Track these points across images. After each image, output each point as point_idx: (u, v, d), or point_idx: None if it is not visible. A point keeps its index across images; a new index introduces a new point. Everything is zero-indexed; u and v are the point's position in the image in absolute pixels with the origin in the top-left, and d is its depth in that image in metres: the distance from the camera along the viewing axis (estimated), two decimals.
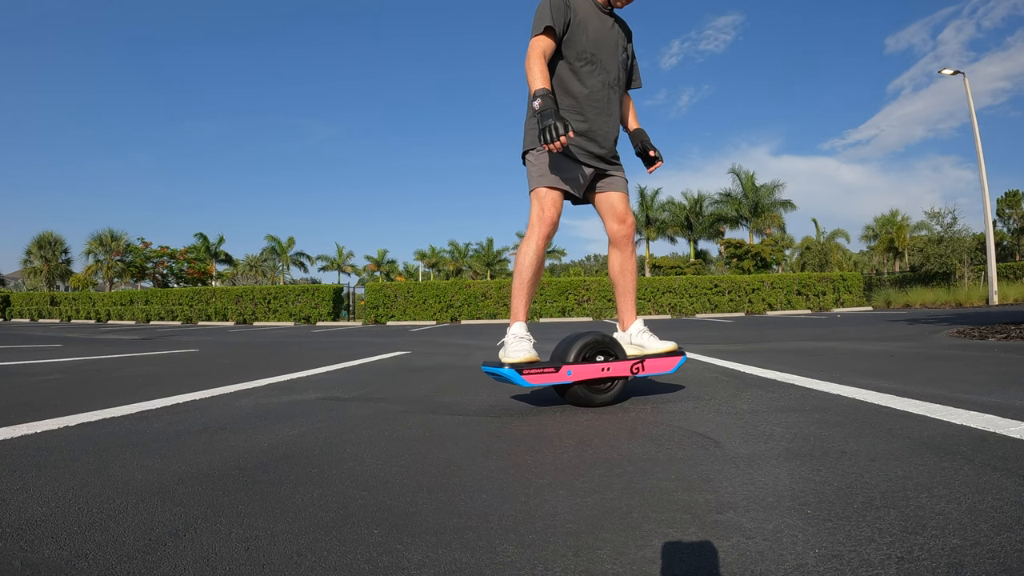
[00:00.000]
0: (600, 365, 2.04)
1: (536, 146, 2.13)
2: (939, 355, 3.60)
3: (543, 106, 1.92)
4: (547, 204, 2.10)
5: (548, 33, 2.07)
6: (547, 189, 2.10)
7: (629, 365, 2.09)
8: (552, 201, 2.10)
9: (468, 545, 0.87)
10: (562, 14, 2.08)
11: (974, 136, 17.46)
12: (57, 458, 1.43)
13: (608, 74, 2.17)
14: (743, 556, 0.81)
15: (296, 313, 20.85)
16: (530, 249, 2.09)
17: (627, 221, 2.26)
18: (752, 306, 19.54)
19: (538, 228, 2.08)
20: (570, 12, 2.10)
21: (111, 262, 36.74)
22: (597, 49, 2.14)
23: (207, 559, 0.83)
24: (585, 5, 2.15)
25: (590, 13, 2.15)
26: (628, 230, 2.27)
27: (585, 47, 2.13)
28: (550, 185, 2.10)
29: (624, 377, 2.10)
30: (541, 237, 2.09)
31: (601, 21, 2.17)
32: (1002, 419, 1.58)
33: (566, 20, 2.09)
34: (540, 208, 2.10)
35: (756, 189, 34.32)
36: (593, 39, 2.13)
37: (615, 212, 2.25)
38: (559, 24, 2.07)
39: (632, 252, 2.33)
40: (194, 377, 3.35)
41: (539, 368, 1.93)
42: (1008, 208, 41.93)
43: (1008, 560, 0.76)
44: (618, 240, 2.28)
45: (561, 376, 1.96)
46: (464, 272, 47.69)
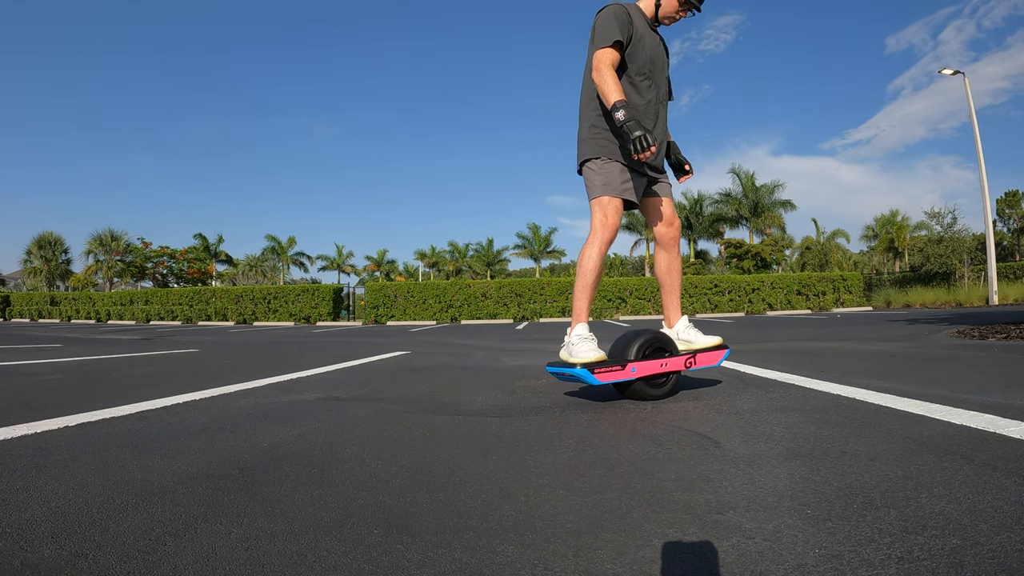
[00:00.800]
0: (659, 361, 2.15)
1: (598, 155, 2.22)
2: (939, 355, 3.60)
3: (627, 117, 2.01)
4: (610, 211, 2.18)
5: (616, 46, 2.15)
6: (610, 197, 2.19)
7: (683, 360, 2.23)
8: (615, 208, 2.20)
9: (468, 545, 0.87)
10: (627, 29, 2.17)
11: (974, 136, 17.46)
12: (57, 458, 1.43)
13: (659, 89, 2.29)
14: (743, 556, 0.80)
15: (296, 313, 20.84)
16: (594, 253, 2.18)
17: (675, 224, 2.39)
18: (752, 306, 19.54)
19: (601, 234, 2.18)
20: (632, 27, 2.20)
21: (111, 262, 36.73)
22: (652, 65, 2.25)
23: (207, 559, 0.83)
24: (641, 21, 2.25)
25: (645, 29, 2.26)
26: (676, 233, 2.40)
27: (644, 62, 2.23)
28: (613, 194, 2.19)
29: (677, 372, 2.21)
30: (604, 242, 2.18)
31: (652, 37, 2.28)
32: (1002, 419, 1.58)
33: (629, 34, 2.19)
34: (604, 215, 2.18)
35: (756, 189, 34.30)
36: (649, 55, 2.24)
37: (664, 216, 2.37)
38: (624, 38, 2.16)
39: (678, 253, 2.44)
40: (194, 377, 3.35)
41: (608, 367, 2.02)
42: (1008, 208, 41.92)
43: (1008, 560, 0.76)
44: (666, 242, 2.40)
45: (626, 373, 2.06)
46: (464, 272, 47.68)
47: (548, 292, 19.68)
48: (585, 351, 2.03)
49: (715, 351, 2.35)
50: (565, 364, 2.07)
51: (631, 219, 38.26)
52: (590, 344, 2.07)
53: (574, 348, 2.07)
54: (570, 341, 2.11)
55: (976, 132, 17.44)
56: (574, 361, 2.02)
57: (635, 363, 2.08)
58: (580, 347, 2.06)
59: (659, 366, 2.15)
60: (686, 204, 37.52)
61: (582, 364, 1.99)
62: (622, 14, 2.17)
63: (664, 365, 2.17)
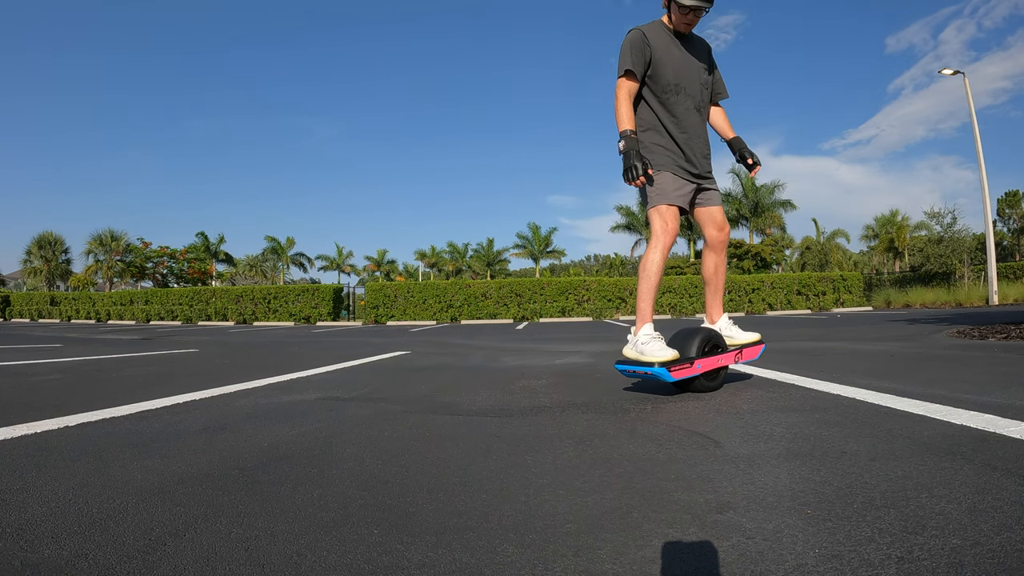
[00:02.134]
0: (717, 357, 2.32)
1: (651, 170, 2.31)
2: (939, 355, 3.59)
3: (626, 147, 2.18)
4: (669, 218, 2.30)
5: (629, 76, 2.28)
6: (667, 206, 2.30)
7: (733, 355, 2.41)
8: (673, 215, 2.32)
9: (468, 545, 0.87)
10: (642, 55, 2.28)
11: (974, 136, 17.46)
12: (57, 458, 1.43)
13: (693, 98, 2.37)
14: (743, 556, 0.80)
15: (296, 313, 20.84)
16: (656, 257, 2.29)
17: (725, 229, 2.51)
18: (752, 306, 19.53)
19: (663, 239, 2.29)
20: (649, 50, 2.29)
21: (111, 262, 36.72)
22: (680, 79, 2.33)
23: (207, 559, 0.83)
24: (663, 38, 2.33)
25: (668, 44, 2.33)
26: (725, 237, 2.52)
27: (669, 80, 2.32)
28: (669, 202, 2.30)
29: (726, 365, 2.38)
30: (666, 247, 2.31)
31: (679, 50, 2.35)
32: (1002, 419, 1.58)
33: (647, 59, 2.29)
34: (664, 222, 2.30)
35: (756, 189, 34.29)
36: (675, 70, 2.32)
37: (715, 221, 2.48)
38: (639, 65, 2.28)
39: (725, 256, 2.57)
40: (194, 377, 3.35)
41: (680, 364, 2.14)
42: (1008, 208, 41.90)
43: (1008, 560, 0.76)
44: (716, 245, 2.52)
45: (694, 369, 2.20)
46: (464, 272, 47.67)
47: (548, 292, 19.67)
48: (659, 350, 2.14)
49: (755, 346, 2.53)
50: (638, 362, 2.17)
51: (631, 219, 38.27)
52: (661, 343, 2.18)
53: (645, 347, 2.17)
54: (639, 340, 2.21)
55: (976, 132, 17.43)
56: (650, 360, 2.12)
57: (700, 360, 2.22)
58: (652, 346, 2.16)
59: (717, 362, 2.32)
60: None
61: (660, 363, 2.10)
62: (637, 40, 2.28)
63: (720, 361, 2.34)
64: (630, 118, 2.25)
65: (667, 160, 2.32)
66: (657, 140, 2.35)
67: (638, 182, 2.16)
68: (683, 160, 2.35)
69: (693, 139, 2.37)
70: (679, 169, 2.34)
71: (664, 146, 2.34)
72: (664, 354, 2.13)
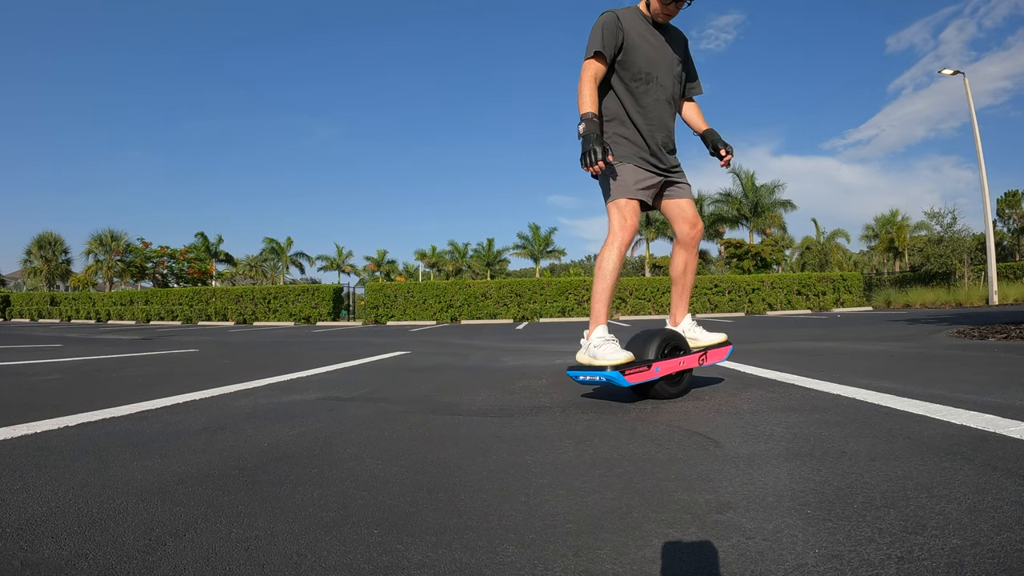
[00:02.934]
0: (678, 360, 2.19)
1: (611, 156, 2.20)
2: (939, 355, 3.59)
3: (586, 130, 2.04)
4: (628, 213, 2.18)
5: (598, 57, 2.15)
6: (627, 200, 2.19)
7: (697, 357, 2.29)
8: (632, 210, 2.20)
9: (468, 545, 0.87)
10: (613, 37, 2.16)
11: (974, 136, 17.46)
12: (57, 458, 1.43)
13: (665, 89, 2.26)
14: (743, 556, 0.80)
15: (296, 313, 20.84)
16: (613, 255, 2.17)
17: (697, 225, 2.39)
18: (752, 306, 19.53)
19: (621, 235, 2.17)
20: (622, 34, 2.17)
21: (111, 262, 36.71)
22: (652, 68, 2.22)
23: (207, 559, 0.83)
24: (637, 24, 2.22)
25: (643, 32, 2.22)
26: (698, 234, 2.40)
27: (640, 67, 2.20)
28: (628, 195, 2.19)
29: (691, 369, 2.26)
30: (624, 244, 2.18)
31: (654, 38, 2.24)
32: (1002, 419, 1.58)
33: (618, 43, 2.17)
34: (622, 217, 2.18)
35: (756, 189, 34.28)
36: (647, 58, 2.21)
37: (686, 216, 2.36)
38: (609, 48, 2.15)
39: (696, 254, 2.45)
40: (194, 377, 3.35)
41: (636, 368, 2.00)
42: (1008, 208, 41.89)
43: (1008, 560, 0.76)
44: (687, 242, 2.40)
45: (651, 373, 2.06)
46: (464, 272, 47.66)
47: (548, 292, 19.67)
48: (612, 353, 2.00)
49: (721, 348, 2.41)
50: (591, 367, 2.02)
51: None
52: (615, 346, 2.04)
53: (598, 351, 2.02)
54: (591, 343, 2.07)
55: (976, 132, 17.43)
56: (602, 363, 1.98)
57: (659, 363, 2.10)
58: (605, 349, 2.02)
59: (678, 364, 2.19)
60: None
61: (613, 366, 1.97)
62: (610, 22, 2.17)
63: (682, 363, 2.21)
64: (593, 101, 2.11)
65: (630, 152, 2.21)
66: (621, 131, 2.23)
67: (596, 168, 2.01)
68: (647, 153, 2.23)
69: (658, 130, 2.25)
70: (642, 161, 2.23)
71: (628, 137, 2.22)
72: (618, 357, 1.98)
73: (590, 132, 2.03)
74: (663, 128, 2.27)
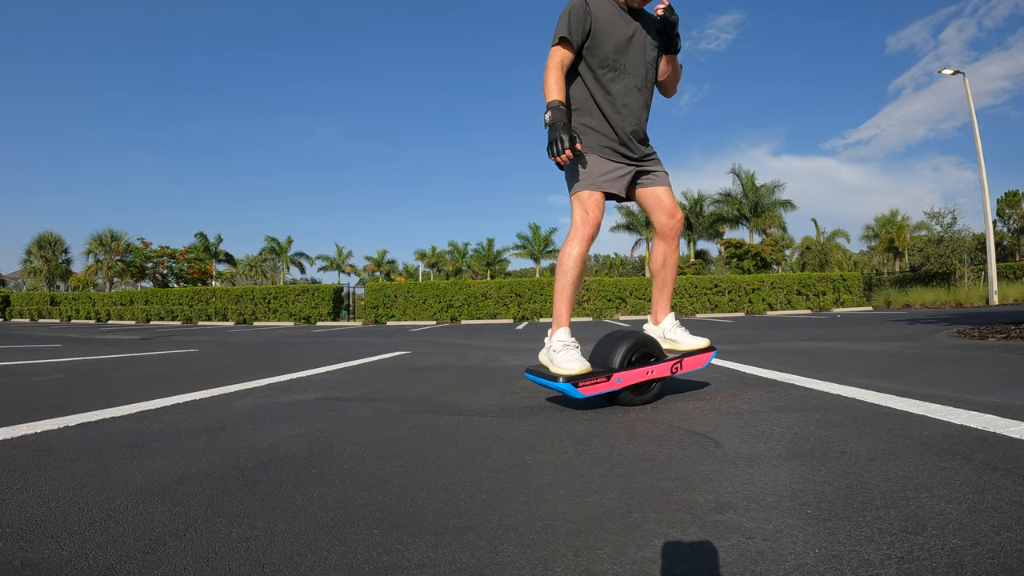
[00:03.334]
0: (645, 369, 2.03)
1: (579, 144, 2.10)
2: (939, 355, 3.60)
3: (552, 119, 1.94)
4: (591, 206, 2.07)
5: (564, 44, 2.05)
6: (590, 192, 2.08)
7: (670, 365, 2.11)
8: (596, 203, 2.08)
9: (468, 545, 0.87)
10: (581, 23, 2.06)
11: (974, 136, 17.46)
12: (57, 458, 1.43)
13: (635, 77, 2.15)
14: (743, 556, 0.80)
15: (296, 313, 20.84)
16: (575, 251, 2.05)
17: (676, 216, 2.26)
18: (752, 306, 19.53)
19: (583, 230, 2.06)
20: (591, 19, 2.08)
21: (111, 262, 36.72)
22: (620, 55, 2.12)
23: (207, 559, 0.83)
24: (607, 9, 2.12)
25: (612, 17, 2.12)
26: (677, 224, 2.26)
27: (608, 54, 2.10)
28: (592, 187, 2.08)
29: (662, 378, 2.10)
30: (586, 239, 2.07)
31: (626, 24, 2.13)
32: (1002, 419, 1.58)
33: (586, 29, 2.08)
34: (584, 210, 2.07)
35: (756, 189, 34.30)
36: (616, 45, 2.11)
37: (663, 207, 2.24)
38: (576, 34, 2.06)
39: (677, 247, 2.32)
40: (194, 377, 3.35)
41: (593, 379, 1.87)
42: (1008, 208, 41.89)
43: (1008, 560, 0.76)
44: (666, 233, 2.27)
45: (612, 384, 1.92)
46: (464, 272, 47.67)
47: (548, 292, 19.66)
48: (569, 361, 1.89)
49: (702, 354, 2.23)
50: (547, 373, 1.92)
51: (631, 219, 38.25)
52: (573, 353, 1.93)
53: (556, 356, 1.93)
54: (551, 347, 1.98)
55: (976, 132, 17.44)
56: (557, 372, 1.88)
57: (621, 372, 1.94)
58: (563, 356, 1.92)
59: (645, 374, 2.02)
60: (686, 204, 37.51)
61: (566, 377, 1.85)
62: (578, 7, 2.06)
63: (650, 372, 2.04)
64: (560, 89, 2.01)
65: (595, 142, 2.10)
66: (587, 121, 2.13)
67: (562, 157, 1.90)
68: (616, 143, 2.13)
69: (628, 120, 2.13)
70: (610, 152, 2.12)
71: (595, 128, 2.12)
72: (571, 367, 1.86)
73: (556, 120, 1.94)
74: (633, 117, 2.16)
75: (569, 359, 1.90)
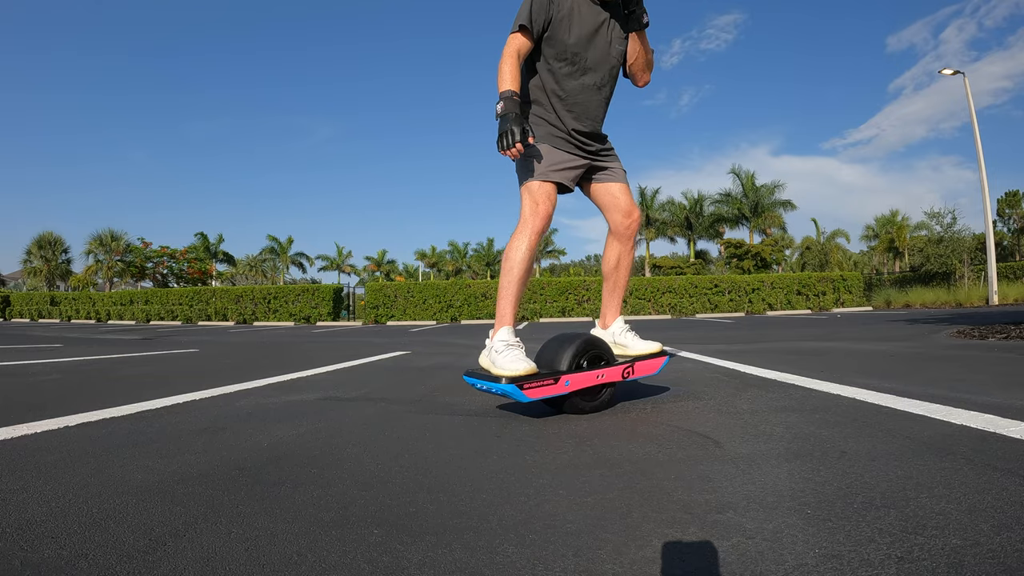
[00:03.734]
0: (595, 372, 1.91)
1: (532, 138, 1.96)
2: (939, 355, 3.59)
3: (504, 109, 1.82)
4: (540, 197, 1.96)
5: (523, 32, 1.94)
6: (540, 182, 1.98)
7: (621, 370, 1.99)
8: (546, 194, 1.97)
9: (468, 545, 0.87)
10: (543, 11, 1.94)
11: (974, 136, 17.46)
12: (57, 458, 1.43)
13: (594, 74, 2.03)
14: (743, 556, 0.80)
15: (296, 313, 20.84)
16: (522, 245, 1.94)
17: (633, 215, 2.15)
18: (752, 306, 19.53)
19: (532, 223, 1.95)
20: (553, 8, 1.95)
21: (111, 262, 36.73)
22: (581, 49, 1.99)
23: (207, 559, 0.83)
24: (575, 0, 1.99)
25: (580, 7, 1.98)
26: (634, 224, 2.16)
27: (567, 47, 1.98)
28: (541, 178, 1.98)
29: (612, 383, 1.99)
30: (535, 232, 1.96)
31: (593, 15, 2.00)
32: (1002, 419, 1.58)
33: (547, 17, 1.95)
34: (534, 202, 1.97)
35: (756, 189, 34.31)
36: (577, 39, 1.98)
37: (618, 205, 2.14)
38: (537, 23, 1.94)
39: (632, 248, 2.21)
40: (194, 377, 3.35)
41: (538, 381, 1.76)
42: (1008, 208, 41.88)
43: (1008, 560, 0.76)
44: (621, 232, 2.17)
45: (559, 388, 1.81)
46: (464, 272, 47.67)
47: (548, 292, 19.67)
48: (512, 362, 1.77)
49: (654, 359, 2.11)
50: (488, 375, 1.80)
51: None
52: (516, 353, 1.81)
53: (498, 357, 1.81)
54: (492, 347, 1.85)
55: (976, 132, 17.44)
56: (499, 373, 1.76)
57: (569, 376, 1.82)
58: (505, 357, 1.80)
59: (595, 378, 1.90)
60: (686, 204, 37.53)
61: (508, 378, 1.73)
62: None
63: (601, 376, 1.92)
64: (514, 79, 1.87)
65: (545, 132, 2.01)
66: (537, 111, 2.03)
67: (512, 152, 1.78)
68: (565, 134, 2.03)
69: (579, 120, 2.03)
70: (563, 142, 2.02)
71: (545, 118, 2.02)
72: (516, 367, 1.75)
73: (509, 111, 1.81)
74: (586, 117, 2.05)
75: (512, 359, 1.79)
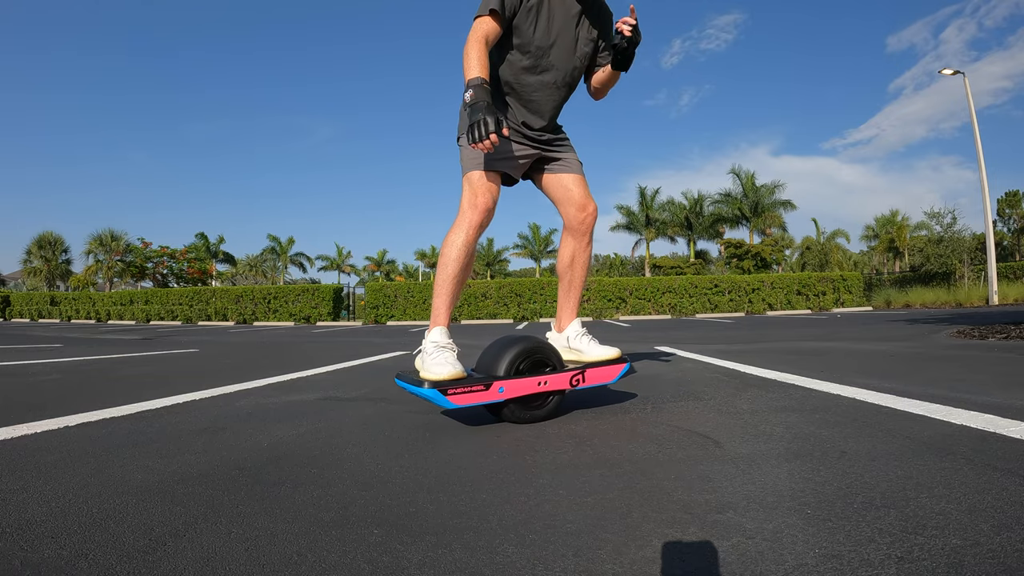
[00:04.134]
0: (537, 379, 1.76)
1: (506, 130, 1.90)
2: (939, 355, 3.59)
3: (474, 98, 1.66)
4: (481, 189, 1.84)
5: (493, 16, 1.80)
6: (481, 173, 1.86)
7: (568, 377, 1.83)
8: (487, 186, 1.85)
9: (468, 545, 0.87)
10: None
11: (975, 136, 17.47)
12: (57, 458, 1.43)
13: (556, 71, 1.93)
14: (743, 556, 0.80)
15: (296, 313, 20.84)
16: (458, 240, 1.81)
17: (588, 208, 2.01)
18: (752, 306, 19.53)
19: (470, 215, 1.83)
20: None
21: (111, 262, 36.75)
22: (545, 43, 1.89)
23: (207, 559, 0.83)
24: None
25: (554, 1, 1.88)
26: (589, 218, 2.03)
27: (531, 39, 1.87)
28: (484, 168, 1.86)
29: (561, 391, 1.84)
30: (474, 226, 1.83)
31: (564, 9, 1.90)
32: (1002, 419, 1.58)
33: (516, 5, 1.84)
34: (473, 194, 1.84)
35: (756, 189, 34.32)
36: (543, 32, 1.88)
37: (572, 197, 2.01)
38: (509, 8, 1.82)
39: (588, 243, 2.07)
40: (194, 377, 3.35)
41: (466, 386, 1.63)
42: (1008, 208, 41.90)
43: (1008, 560, 0.76)
44: (576, 228, 2.03)
45: (492, 394, 1.67)
46: None
47: (548, 292, 19.67)
48: (439, 365, 1.66)
49: (611, 366, 1.95)
50: (414, 379, 1.69)
51: (631, 219, 38.25)
52: (447, 356, 1.70)
53: (427, 359, 1.70)
54: (424, 348, 1.75)
55: (976, 132, 17.44)
56: (423, 376, 1.66)
57: (504, 382, 1.69)
58: (434, 359, 1.68)
59: (535, 385, 1.75)
60: (686, 204, 37.54)
61: (432, 383, 1.61)
62: None
63: (543, 384, 1.76)
64: (483, 66, 1.73)
65: None
66: None
67: (485, 144, 1.60)
68: (516, 125, 1.93)
69: (533, 115, 1.95)
70: (512, 131, 1.91)
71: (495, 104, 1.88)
72: (441, 371, 1.63)
73: (479, 100, 1.65)
74: (538, 114, 1.96)
75: (439, 362, 1.67)
